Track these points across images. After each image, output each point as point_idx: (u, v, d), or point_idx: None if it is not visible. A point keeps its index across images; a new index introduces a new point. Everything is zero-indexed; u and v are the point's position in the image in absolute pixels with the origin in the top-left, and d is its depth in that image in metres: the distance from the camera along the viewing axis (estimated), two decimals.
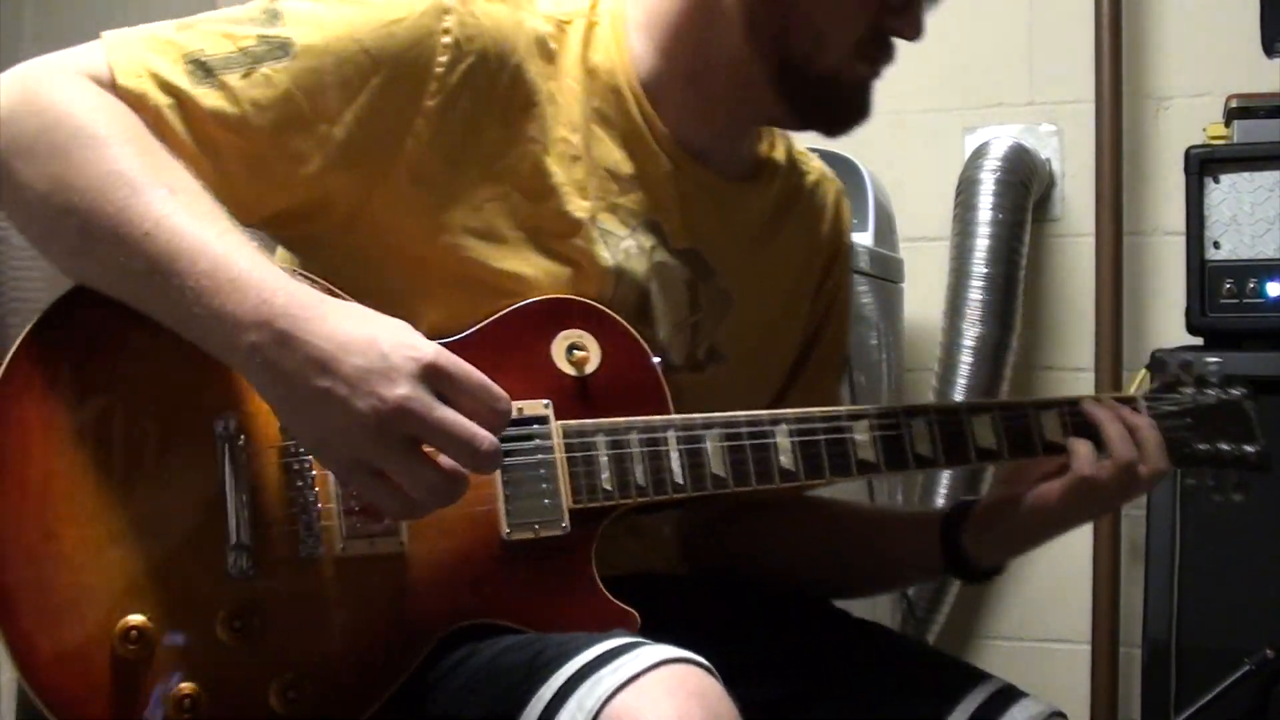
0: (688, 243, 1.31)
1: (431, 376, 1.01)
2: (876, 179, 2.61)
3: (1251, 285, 2.20)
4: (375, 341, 1.01)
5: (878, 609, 2.49)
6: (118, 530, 1.04)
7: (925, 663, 1.34)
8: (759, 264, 1.38)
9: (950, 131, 2.88)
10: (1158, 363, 2.12)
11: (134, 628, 1.02)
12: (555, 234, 1.22)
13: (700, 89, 1.29)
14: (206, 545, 1.06)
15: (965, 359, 2.67)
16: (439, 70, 1.16)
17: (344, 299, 1.10)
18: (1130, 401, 1.38)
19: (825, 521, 1.45)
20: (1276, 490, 2.11)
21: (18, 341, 1.07)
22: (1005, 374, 2.69)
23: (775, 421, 1.24)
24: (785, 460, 1.23)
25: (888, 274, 2.60)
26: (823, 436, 1.25)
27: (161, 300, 1.04)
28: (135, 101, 1.09)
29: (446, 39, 1.16)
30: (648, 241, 1.28)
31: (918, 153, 2.89)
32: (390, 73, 1.15)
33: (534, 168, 1.21)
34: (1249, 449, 1.39)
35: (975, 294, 2.67)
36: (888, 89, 3.07)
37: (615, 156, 1.26)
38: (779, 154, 1.43)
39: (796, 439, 1.24)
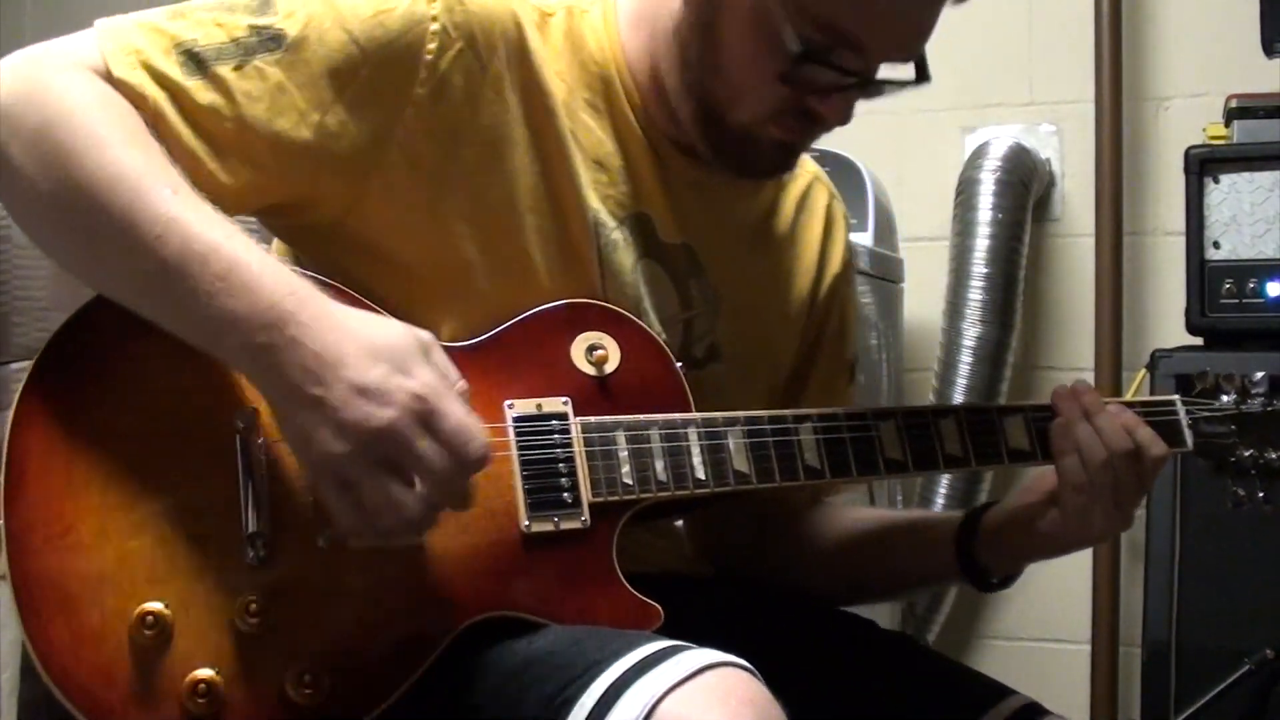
0: (678, 236, 1.31)
1: (420, 406, 1.02)
2: (876, 179, 2.61)
3: (1251, 285, 2.20)
4: (376, 361, 1.03)
5: (878, 610, 2.49)
6: (138, 521, 1.05)
7: (949, 676, 1.34)
8: (752, 265, 1.38)
9: (950, 131, 2.88)
10: (1155, 361, 2.13)
11: (151, 614, 1.03)
12: (547, 220, 1.23)
13: (664, 98, 1.28)
14: (226, 535, 1.06)
15: (965, 359, 2.67)
16: (428, 58, 1.17)
17: (354, 298, 1.12)
18: (1168, 405, 1.36)
19: (839, 528, 1.44)
20: (1277, 490, 2.12)
21: (46, 343, 1.08)
22: (1005, 374, 2.69)
23: (800, 420, 1.24)
24: (810, 458, 1.23)
25: (888, 274, 2.60)
26: (849, 435, 1.25)
27: (170, 302, 1.05)
28: (131, 94, 1.10)
29: (435, 25, 1.17)
30: (635, 234, 1.28)
31: (917, 153, 2.89)
32: (379, 63, 1.16)
33: (527, 153, 1.22)
34: None
35: (975, 294, 2.67)
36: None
37: (606, 148, 1.27)
38: None
39: (822, 436, 1.24)
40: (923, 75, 1.25)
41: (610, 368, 1.20)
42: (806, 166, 1.46)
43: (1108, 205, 2.71)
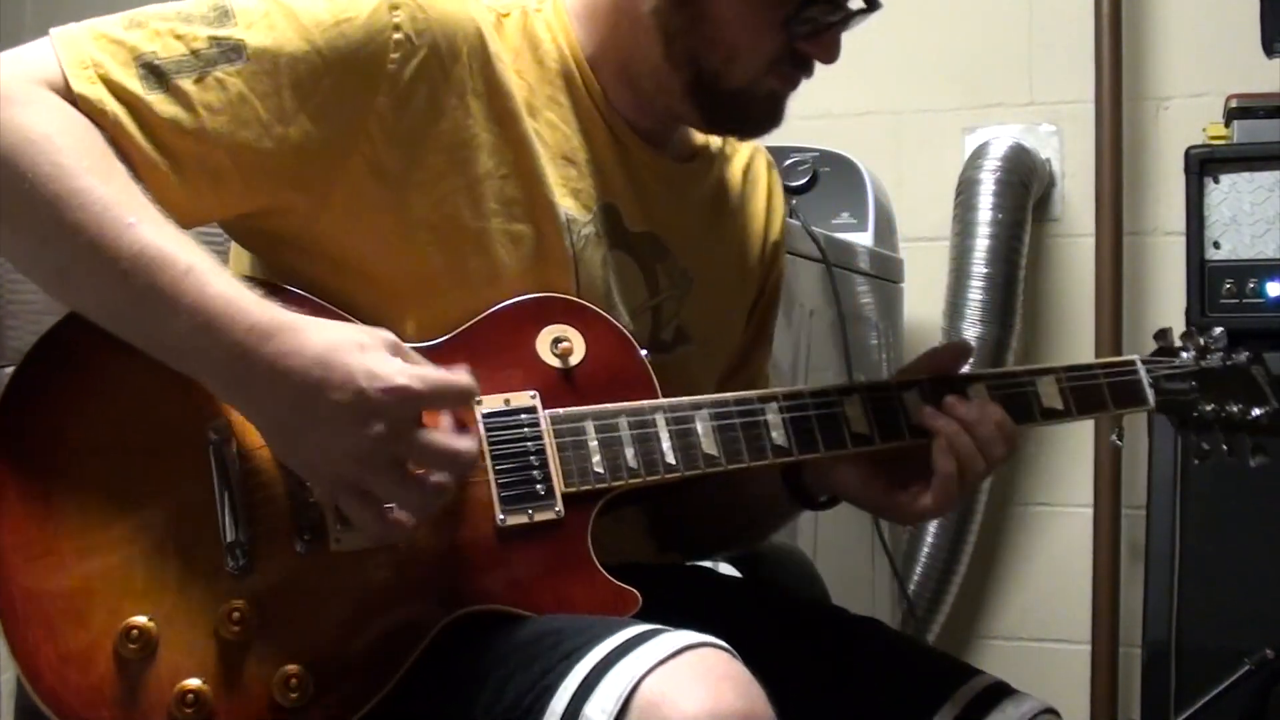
0: (644, 225, 1.34)
1: (405, 401, 1.05)
2: (876, 179, 2.61)
3: (1251, 285, 2.20)
4: (352, 376, 1.04)
5: (878, 610, 2.49)
6: (117, 538, 1.06)
7: (917, 658, 1.35)
8: (711, 244, 1.42)
9: (950, 131, 2.88)
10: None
11: (135, 627, 1.03)
12: (516, 222, 1.24)
13: (632, 83, 1.32)
14: (205, 545, 1.07)
15: None
16: (391, 68, 1.17)
17: (316, 304, 1.15)
18: (1129, 365, 1.39)
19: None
20: (1275, 491, 2.12)
21: (14, 369, 1.09)
22: None
23: (765, 400, 1.26)
24: (778, 436, 1.25)
25: (888, 274, 2.60)
26: (814, 412, 1.27)
27: (145, 332, 1.07)
28: (91, 109, 1.09)
29: (398, 35, 1.17)
30: (605, 226, 1.30)
31: (918, 153, 2.89)
32: (342, 73, 1.15)
33: (492, 156, 1.23)
34: (1259, 411, 1.39)
35: (975, 294, 2.67)
36: (888, 89, 3.07)
37: (572, 143, 1.29)
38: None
39: (788, 415, 1.26)
40: (874, 4, 1.30)
41: (576, 359, 1.22)
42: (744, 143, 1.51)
43: (1108, 205, 2.71)
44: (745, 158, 1.48)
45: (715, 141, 1.45)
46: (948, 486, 1.28)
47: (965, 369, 1.37)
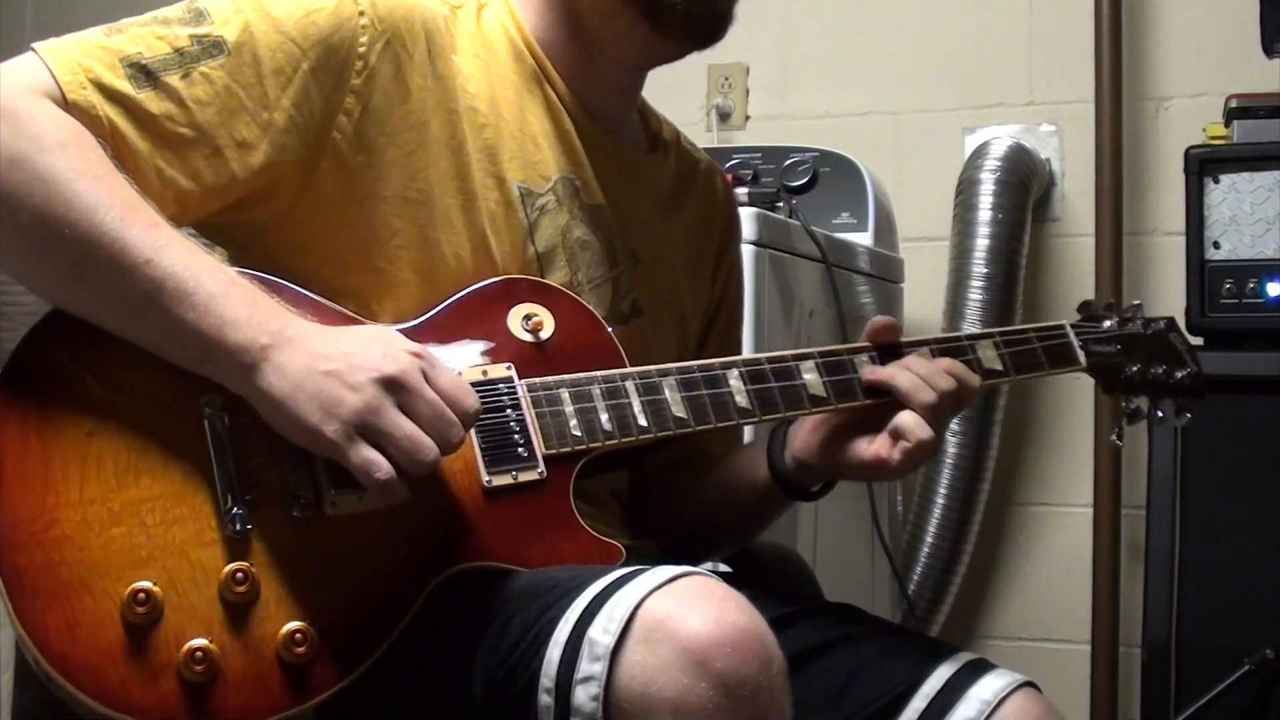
0: (598, 199, 1.40)
1: (420, 362, 1.13)
2: (876, 179, 2.61)
3: (1251, 285, 2.20)
4: (372, 337, 1.15)
5: (878, 610, 2.49)
6: (118, 510, 1.09)
7: (898, 637, 1.39)
8: (663, 233, 1.48)
9: (950, 131, 2.88)
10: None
11: (141, 591, 1.07)
12: (480, 198, 1.31)
13: (583, 43, 1.39)
14: (204, 513, 1.12)
15: None
16: (361, 50, 1.26)
17: (332, 310, 1.22)
18: (1059, 329, 1.46)
19: (698, 470, 1.51)
20: (1275, 491, 2.12)
21: (13, 351, 1.13)
22: None
23: (727, 367, 1.33)
24: (740, 399, 1.32)
25: (888, 274, 2.60)
26: (775, 379, 1.33)
27: (161, 319, 1.11)
28: (87, 117, 1.15)
29: (363, 20, 1.27)
30: (565, 197, 1.37)
31: (918, 153, 2.90)
32: (317, 58, 1.24)
33: (453, 135, 1.31)
34: (1181, 374, 1.49)
35: (975, 294, 2.67)
36: (888, 89, 3.07)
37: (528, 117, 1.36)
38: (668, 134, 1.55)
39: (749, 380, 1.33)
40: None
41: (546, 334, 1.29)
42: (698, 150, 1.59)
43: (1108, 205, 2.71)
44: (704, 168, 1.57)
45: (670, 138, 1.53)
46: (907, 422, 1.31)
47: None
